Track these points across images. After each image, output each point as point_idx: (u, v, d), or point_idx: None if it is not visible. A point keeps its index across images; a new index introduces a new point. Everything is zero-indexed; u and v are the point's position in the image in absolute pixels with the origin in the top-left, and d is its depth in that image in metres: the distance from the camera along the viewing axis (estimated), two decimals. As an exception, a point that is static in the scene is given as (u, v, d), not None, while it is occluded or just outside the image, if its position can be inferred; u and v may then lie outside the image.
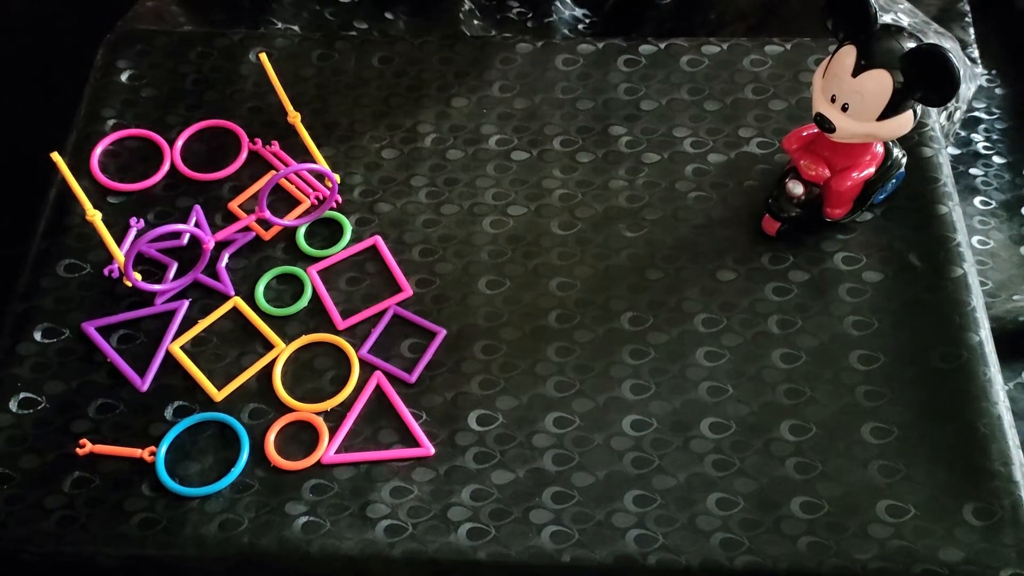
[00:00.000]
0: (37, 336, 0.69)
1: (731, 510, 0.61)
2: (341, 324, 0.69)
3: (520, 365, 0.67)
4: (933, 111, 0.77)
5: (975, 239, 0.95)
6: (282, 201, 0.75)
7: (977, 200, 0.98)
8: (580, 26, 1.04)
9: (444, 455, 0.64)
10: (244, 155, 0.77)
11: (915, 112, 0.63)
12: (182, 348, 0.68)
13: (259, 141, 0.77)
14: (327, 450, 0.64)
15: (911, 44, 0.61)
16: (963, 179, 0.99)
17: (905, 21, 0.90)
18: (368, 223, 0.73)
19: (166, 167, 0.76)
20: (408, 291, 0.70)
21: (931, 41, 0.65)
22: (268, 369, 0.67)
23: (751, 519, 0.61)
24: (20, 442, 0.65)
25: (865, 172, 0.68)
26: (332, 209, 0.74)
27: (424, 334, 0.69)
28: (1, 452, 0.65)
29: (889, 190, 0.71)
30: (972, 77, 0.95)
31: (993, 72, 1.06)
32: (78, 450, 0.64)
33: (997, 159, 1.01)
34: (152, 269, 0.72)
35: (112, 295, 0.71)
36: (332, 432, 0.65)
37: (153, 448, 0.64)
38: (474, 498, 0.62)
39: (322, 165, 0.75)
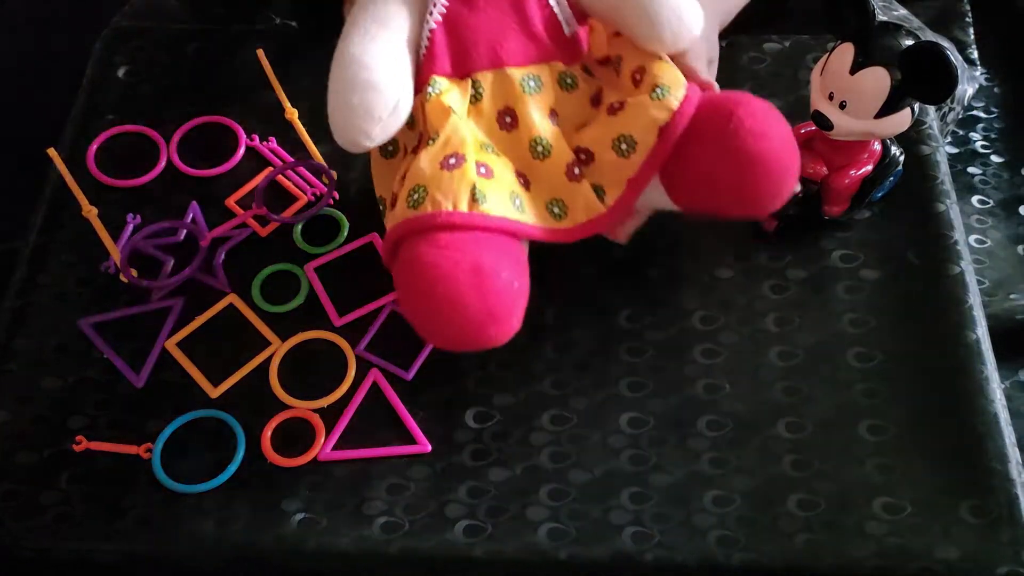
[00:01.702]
0: (34, 332, 0.69)
1: (727, 507, 0.61)
2: (338, 321, 0.69)
3: (517, 362, 0.67)
4: (931, 109, 0.77)
5: (972, 237, 0.94)
6: (279, 198, 0.74)
7: (975, 199, 0.98)
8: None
9: (441, 452, 0.64)
10: (241, 151, 0.77)
11: (913, 110, 0.63)
12: (178, 345, 0.68)
13: (256, 137, 0.77)
14: (324, 447, 0.64)
15: (909, 42, 0.61)
16: (961, 177, 0.99)
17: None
18: (366, 220, 0.73)
19: (163, 163, 0.76)
20: (405, 288, 0.70)
21: (929, 39, 0.65)
22: (264, 366, 0.67)
23: (747, 516, 0.61)
24: (16, 438, 0.65)
25: (863, 170, 0.68)
26: (329, 206, 0.74)
27: (421, 331, 0.69)
28: (-3, 448, 0.65)
29: (887, 188, 0.71)
30: (970, 79, 0.95)
31: (992, 71, 1.06)
32: (74, 446, 0.64)
33: (995, 158, 1.01)
34: (149, 265, 0.72)
35: (108, 291, 0.71)
36: (329, 429, 0.65)
37: (149, 444, 0.64)
38: (471, 495, 0.62)
39: (319, 161, 0.75)
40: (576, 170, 0.62)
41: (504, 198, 0.60)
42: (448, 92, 0.61)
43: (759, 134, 0.59)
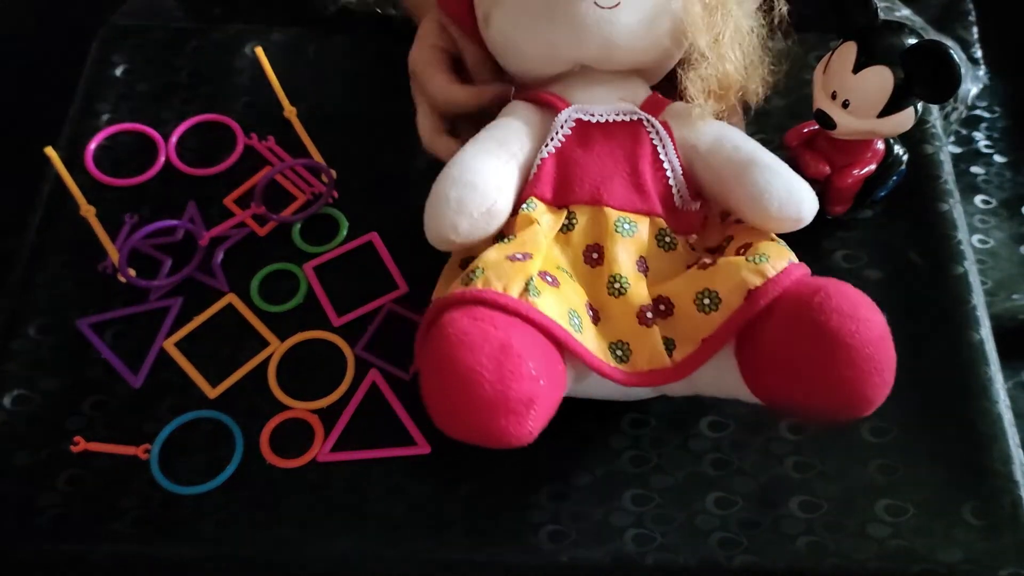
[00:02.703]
0: (31, 332, 0.69)
1: (730, 509, 0.61)
2: (337, 321, 0.69)
3: (517, 362, 0.66)
4: (934, 108, 0.76)
5: (975, 237, 0.94)
6: (278, 197, 0.74)
7: (978, 199, 0.98)
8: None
9: (440, 453, 0.63)
10: (239, 150, 0.76)
11: (916, 109, 0.63)
12: (176, 345, 0.68)
13: (255, 136, 0.77)
14: (322, 448, 0.64)
15: (912, 40, 0.61)
16: (964, 177, 0.99)
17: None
18: (365, 219, 0.73)
19: (161, 162, 0.76)
20: (404, 288, 0.70)
21: (932, 38, 0.64)
22: (263, 366, 0.67)
23: (750, 518, 0.61)
24: (13, 439, 0.65)
25: (866, 169, 0.68)
26: (328, 205, 0.73)
27: (421, 331, 0.68)
28: (-6, 449, 0.64)
29: (890, 187, 0.71)
30: (974, 78, 0.95)
31: (996, 70, 1.05)
32: (72, 447, 0.64)
33: (998, 158, 1.01)
34: (147, 265, 0.71)
35: (106, 291, 0.70)
36: (328, 430, 0.64)
37: (147, 445, 0.64)
38: (471, 497, 0.62)
39: (318, 160, 0.75)
40: (648, 314, 0.59)
41: (561, 308, 0.58)
42: (542, 214, 0.61)
43: (845, 315, 0.53)
